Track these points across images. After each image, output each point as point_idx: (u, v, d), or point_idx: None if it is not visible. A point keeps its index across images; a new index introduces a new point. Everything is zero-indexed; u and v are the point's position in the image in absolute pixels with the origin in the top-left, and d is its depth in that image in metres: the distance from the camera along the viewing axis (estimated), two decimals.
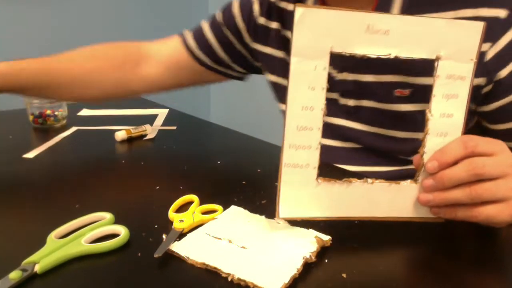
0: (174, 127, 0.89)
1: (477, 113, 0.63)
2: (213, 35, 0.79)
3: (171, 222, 0.47)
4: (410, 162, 0.66)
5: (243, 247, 0.43)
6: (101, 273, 0.40)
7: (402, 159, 0.66)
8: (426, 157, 0.46)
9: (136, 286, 0.38)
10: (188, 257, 0.41)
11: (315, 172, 0.45)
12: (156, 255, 0.40)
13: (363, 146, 0.69)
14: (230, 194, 0.55)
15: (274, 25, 0.72)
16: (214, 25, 0.79)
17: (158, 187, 0.58)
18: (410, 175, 0.56)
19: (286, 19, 0.71)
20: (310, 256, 0.41)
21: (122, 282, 0.38)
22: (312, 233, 0.45)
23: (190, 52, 0.80)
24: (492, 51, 0.56)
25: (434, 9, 0.59)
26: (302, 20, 0.40)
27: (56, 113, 0.89)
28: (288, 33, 0.70)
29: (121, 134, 0.79)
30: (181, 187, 0.57)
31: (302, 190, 0.45)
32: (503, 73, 0.57)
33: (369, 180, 0.46)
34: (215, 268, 0.40)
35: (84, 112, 1.03)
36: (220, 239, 0.44)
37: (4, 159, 0.69)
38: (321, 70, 0.42)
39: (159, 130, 0.86)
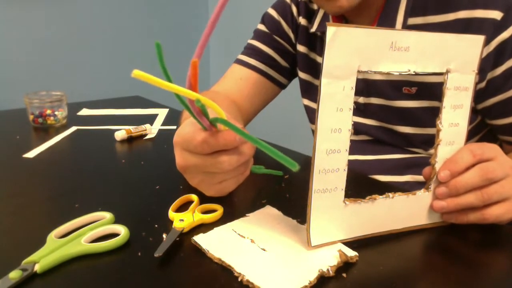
0: (174, 127, 0.89)
1: (477, 110, 0.67)
2: (266, 45, 0.81)
3: (171, 222, 0.47)
4: (413, 153, 0.70)
5: (263, 249, 0.43)
6: (101, 273, 0.40)
7: (406, 150, 0.71)
8: (438, 166, 0.47)
9: (136, 286, 0.38)
10: (208, 250, 0.42)
11: (342, 194, 0.44)
12: (156, 255, 0.41)
13: (373, 138, 0.73)
14: (229, 194, 0.55)
15: (303, 21, 0.77)
16: (261, 37, 0.82)
17: (158, 187, 0.58)
18: (415, 163, 0.60)
19: (311, 17, 0.76)
20: (328, 270, 0.39)
21: (122, 282, 0.38)
22: (338, 246, 0.43)
23: (256, 69, 0.81)
24: (484, 51, 0.59)
25: (435, 12, 0.61)
26: (334, 39, 0.39)
27: (56, 112, 0.89)
28: (311, 30, 0.75)
29: (121, 133, 0.79)
30: (181, 187, 0.57)
31: (331, 214, 0.44)
32: (496, 72, 0.61)
33: (390, 195, 0.46)
34: (229, 266, 0.40)
35: (84, 112, 1.03)
36: (244, 237, 0.44)
37: (4, 159, 0.69)
38: (349, 90, 0.41)
39: (159, 130, 0.86)
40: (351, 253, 0.42)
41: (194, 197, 0.52)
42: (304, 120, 0.86)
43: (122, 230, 0.44)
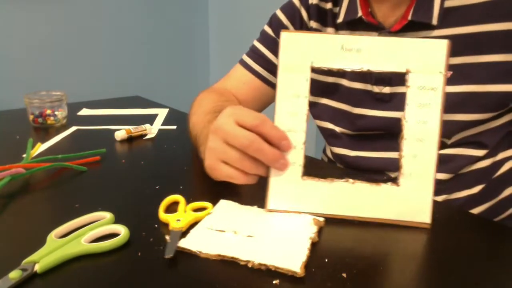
0: (174, 127, 0.89)
1: None
2: (269, 50, 0.81)
3: (164, 223, 0.47)
4: (443, 145, 0.66)
5: (250, 236, 0.44)
6: (101, 273, 0.40)
7: None
8: (404, 161, 0.48)
9: (136, 286, 0.38)
10: (200, 251, 0.42)
11: (300, 169, 0.49)
12: (167, 256, 0.40)
13: (390, 133, 0.69)
14: (231, 193, 0.55)
15: (315, 25, 0.76)
16: (266, 41, 0.81)
17: (158, 187, 0.58)
18: (438, 160, 0.57)
19: (323, 17, 0.75)
20: (314, 236, 0.44)
21: (122, 282, 0.38)
22: (307, 216, 0.49)
23: (256, 74, 0.81)
24: None
25: None
26: (286, 42, 0.49)
27: (56, 112, 0.89)
28: (338, 21, 0.73)
29: (121, 133, 0.79)
30: (181, 187, 0.58)
31: (289, 185, 0.49)
32: None
33: (350, 180, 0.49)
34: (232, 257, 0.41)
35: (84, 111, 1.03)
36: (224, 231, 0.45)
37: (4, 159, 0.69)
38: (303, 81, 0.49)
39: (159, 130, 0.86)
40: (320, 219, 0.48)
41: (179, 197, 0.52)
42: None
43: (122, 230, 0.44)
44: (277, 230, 0.46)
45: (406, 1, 0.65)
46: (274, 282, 0.38)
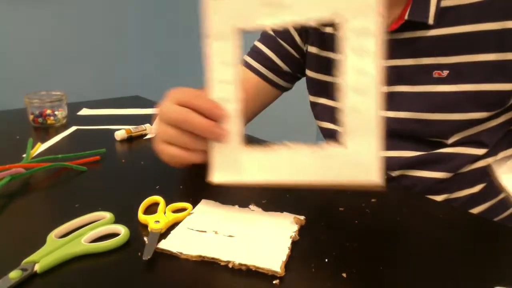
0: None
1: None
2: (269, 49, 0.81)
3: (144, 225, 0.47)
4: (438, 144, 0.66)
5: (231, 236, 0.44)
6: (101, 273, 0.40)
7: (430, 141, 0.67)
8: (345, 117, 0.44)
9: (136, 286, 0.38)
10: (181, 253, 0.42)
11: (238, 138, 0.48)
12: (145, 258, 0.40)
13: (389, 132, 0.69)
14: (231, 193, 0.55)
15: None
16: (266, 39, 0.82)
17: (158, 187, 0.58)
18: (438, 158, 0.58)
19: None
20: (294, 235, 0.45)
21: (122, 282, 0.38)
22: (288, 215, 0.49)
23: (257, 72, 0.82)
24: None
25: None
26: (208, 8, 0.47)
27: (56, 112, 0.89)
28: (326, 30, 0.73)
29: (120, 133, 0.79)
30: (181, 187, 0.57)
31: (230, 155, 0.49)
32: None
33: (291, 145, 0.47)
34: (212, 258, 0.40)
35: (84, 111, 1.03)
36: (205, 231, 0.45)
37: (4, 159, 0.69)
38: (232, 48, 0.47)
39: None
40: (301, 217, 0.48)
41: (159, 198, 0.52)
42: (306, 121, 0.85)
43: (122, 230, 0.44)
44: (258, 230, 0.46)
45: (403, 1, 0.65)
46: (274, 282, 0.38)
